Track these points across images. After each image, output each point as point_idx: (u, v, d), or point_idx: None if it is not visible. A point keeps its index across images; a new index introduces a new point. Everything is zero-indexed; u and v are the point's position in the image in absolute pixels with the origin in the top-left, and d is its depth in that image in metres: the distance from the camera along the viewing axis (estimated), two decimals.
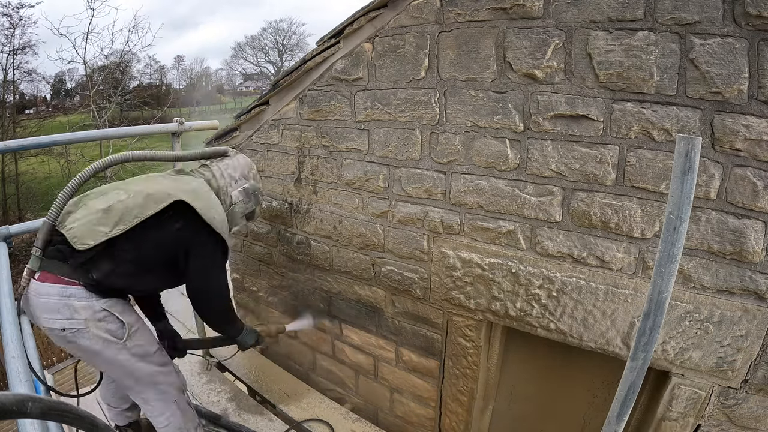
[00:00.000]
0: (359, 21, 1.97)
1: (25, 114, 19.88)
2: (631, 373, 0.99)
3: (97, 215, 1.39)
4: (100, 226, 1.37)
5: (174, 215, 1.47)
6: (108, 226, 1.37)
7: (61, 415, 0.61)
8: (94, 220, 1.39)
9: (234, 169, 1.81)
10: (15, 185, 15.84)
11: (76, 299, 1.39)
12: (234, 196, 1.77)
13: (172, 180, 1.62)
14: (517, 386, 2.18)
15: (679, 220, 0.88)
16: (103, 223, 1.38)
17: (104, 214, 1.39)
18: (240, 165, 1.84)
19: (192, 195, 1.53)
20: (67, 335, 1.41)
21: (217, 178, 1.74)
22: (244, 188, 1.80)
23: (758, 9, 1.18)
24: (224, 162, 1.82)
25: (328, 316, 2.62)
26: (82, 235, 1.37)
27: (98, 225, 1.38)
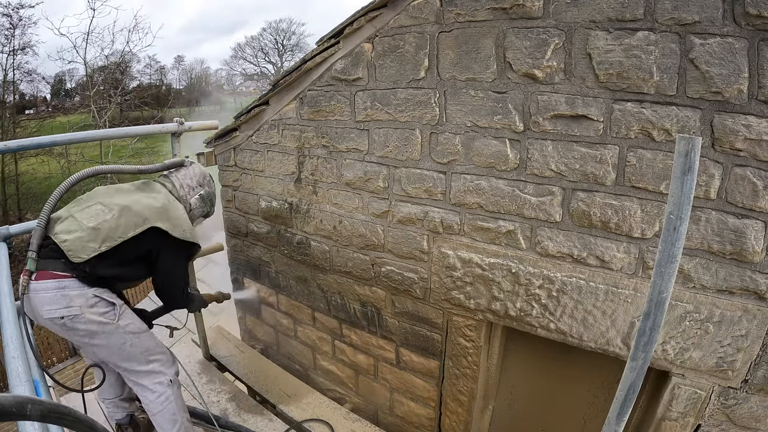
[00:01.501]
0: (359, 21, 1.97)
1: (25, 114, 19.88)
2: (631, 373, 0.99)
3: (87, 233, 1.64)
4: (91, 242, 1.64)
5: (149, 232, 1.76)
6: (97, 243, 1.64)
7: (61, 418, 0.61)
8: (85, 237, 1.63)
9: (191, 178, 2.09)
10: (15, 185, 15.85)
11: (71, 289, 1.62)
12: (193, 202, 2.07)
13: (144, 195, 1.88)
14: (517, 386, 2.18)
15: (679, 220, 0.88)
16: (93, 239, 1.64)
17: (93, 232, 1.65)
18: (195, 174, 2.11)
19: (163, 215, 1.81)
20: (66, 322, 1.63)
21: (177, 189, 2.03)
22: (200, 195, 2.10)
23: (758, 9, 1.18)
24: (182, 172, 2.09)
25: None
26: (76, 249, 1.62)
27: (89, 242, 1.63)
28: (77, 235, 1.63)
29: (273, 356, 3.26)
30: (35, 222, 2.11)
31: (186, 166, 2.13)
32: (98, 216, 1.69)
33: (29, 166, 16.46)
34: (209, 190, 2.15)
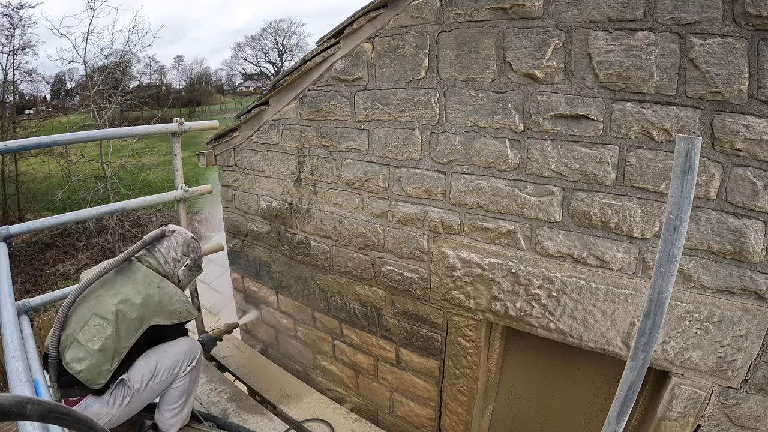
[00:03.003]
0: (359, 21, 1.97)
1: (25, 114, 19.89)
2: (631, 373, 0.99)
3: (97, 357, 1.69)
4: (104, 365, 1.70)
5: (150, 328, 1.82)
6: (109, 363, 1.71)
7: (60, 418, 0.61)
8: (96, 363, 1.69)
9: (174, 250, 2.02)
10: (15, 185, 15.86)
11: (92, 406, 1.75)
12: (180, 275, 2.03)
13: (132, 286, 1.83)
14: (517, 386, 2.18)
15: (679, 220, 0.88)
16: (104, 361, 1.70)
17: (101, 353, 1.69)
18: (179, 244, 2.03)
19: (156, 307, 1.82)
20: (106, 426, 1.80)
21: (162, 265, 1.98)
22: (187, 265, 2.05)
23: (758, 9, 1.18)
24: (164, 245, 2.00)
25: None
26: (93, 378, 1.69)
27: (101, 365, 1.70)
28: (88, 362, 1.68)
29: (273, 356, 3.26)
30: (36, 222, 2.12)
31: (167, 237, 2.02)
32: (99, 334, 1.72)
33: (29, 166, 16.46)
34: (195, 256, 2.09)
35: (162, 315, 1.83)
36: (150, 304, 1.81)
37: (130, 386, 1.83)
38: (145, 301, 1.80)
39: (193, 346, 2.05)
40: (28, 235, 13.67)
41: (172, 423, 2.00)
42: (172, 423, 2.00)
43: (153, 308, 1.81)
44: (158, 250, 1.99)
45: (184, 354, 1.99)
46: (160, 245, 2.00)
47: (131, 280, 1.85)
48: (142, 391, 1.86)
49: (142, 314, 1.78)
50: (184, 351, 1.99)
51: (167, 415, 1.98)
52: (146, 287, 1.83)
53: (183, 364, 1.97)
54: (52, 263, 13.89)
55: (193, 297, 2.74)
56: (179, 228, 2.10)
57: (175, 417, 1.99)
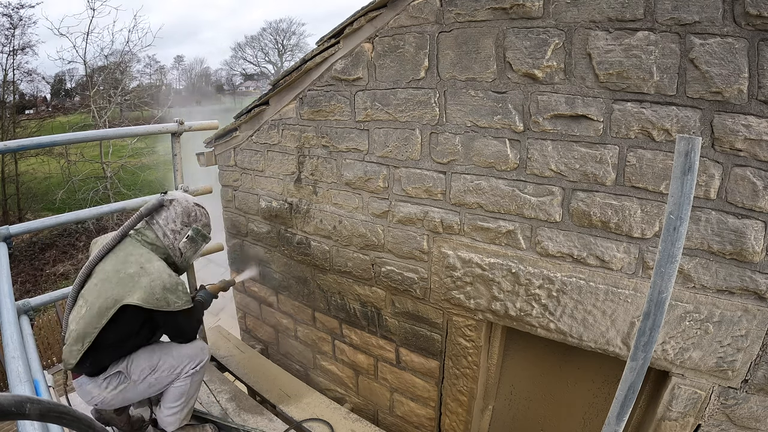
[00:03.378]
0: (359, 21, 1.97)
1: (25, 114, 19.88)
2: (631, 373, 0.99)
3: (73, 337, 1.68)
4: (75, 345, 1.67)
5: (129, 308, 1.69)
6: (79, 344, 1.67)
7: (60, 417, 0.61)
8: (72, 343, 1.68)
9: (173, 221, 1.87)
10: (15, 185, 15.85)
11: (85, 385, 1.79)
12: (182, 247, 1.90)
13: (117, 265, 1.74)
14: (517, 386, 2.18)
15: (679, 220, 0.88)
16: (76, 341, 1.67)
17: (75, 334, 1.67)
18: (178, 215, 1.88)
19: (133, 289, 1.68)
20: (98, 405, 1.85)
21: (161, 238, 1.86)
22: (188, 236, 1.90)
23: (758, 9, 1.18)
24: (163, 216, 1.87)
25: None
26: (67, 358, 1.69)
27: (74, 345, 1.67)
28: (68, 343, 1.68)
29: (273, 356, 3.26)
30: (36, 222, 2.12)
31: (166, 207, 1.87)
32: (77, 315, 1.69)
33: (29, 166, 16.46)
34: (197, 225, 1.93)
35: (136, 295, 1.67)
36: (126, 284, 1.68)
37: (127, 376, 1.81)
38: (121, 281, 1.68)
39: (200, 352, 2.00)
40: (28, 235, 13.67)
41: (170, 421, 2.00)
42: (171, 421, 2.00)
43: (127, 288, 1.68)
44: (156, 222, 1.85)
45: (189, 357, 1.94)
46: (159, 216, 1.86)
47: (117, 257, 1.76)
48: (138, 383, 1.83)
49: (115, 293, 1.66)
50: (189, 354, 1.95)
51: (166, 412, 1.98)
52: (126, 266, 1.72)
53: (186, 366, 1.93)
54: (52, 263, 13.90)
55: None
56: (179, 195, 1.93)
57: (174, 416, 1.99)
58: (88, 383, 1.78)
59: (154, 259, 1.79)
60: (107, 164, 15.66)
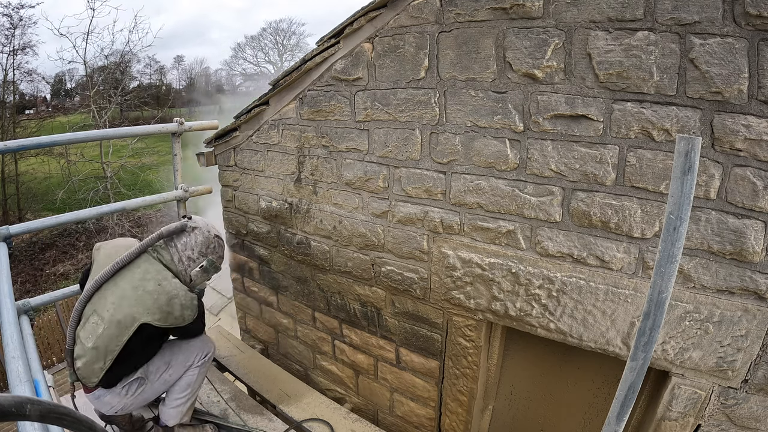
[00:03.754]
0: (359, 21, 1.97)
1: (25, 114, 19.89)
2: (631, 373, 0.99)
3: (90, 355, 1.68)
4: (96, 363, 1.69)
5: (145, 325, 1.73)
6: (101, 362, 1.69)
7: (60, 418, 0.61)
8: (90, 361, 1.69)
9: (192, 249, 1.89)
10: (15, 185, 15.87)
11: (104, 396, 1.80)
12: (193, 275, 1.91)
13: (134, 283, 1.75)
14: (517, 386, 2.18)
15: (679, 220, 0.88)
16: (97, 359, 1.69)
17: (94, 351, 1.68)
18: (198, 244, 1.90)
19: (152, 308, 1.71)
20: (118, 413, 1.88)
21: (176, 263, 1.86)
22: (202, 266, 1.91)
23: (758, 9, 1.18)
24: (182, 241, 1.87)
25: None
26: (87, 376, 1.71)
27: (94, 363, 1.69)
28: (84, 360, 1.69)
29: (273, 356, 3.26)
30: (36, 222, 2.12)
31: (187, 233, 1.87)
32: (94, 331, 1.69)
33: (29, 166, 16.48)
34: (213, 257, 1.95)
35: (155, 315, 1.71)
36: (145, 302, 1.70)
37: (146, 378, 1.87)
38: (140, 298, 1.70)
39: (207, 344, 2.08)
40: (28, 235, 13.69)
41: (172, 414, 2.02)
42: (173, 414, 2.02)
43: (147, 306, 1.70)
44: (175, 245, 1.86)
45: (198, 349, 2.03)
46: (178, 240, 1.86)
47: (133, 274, 1.76)
48: (155, 382, 1.90)
49: (134, 312, 1.69)
50: (198, 346, 2.03)
51: (171, 404, 2.00)
52: (144, 283, 1.73)
53: (196, 357, 2.01)
54: (52, 263, 13.90)
55: None
56: (201, 222, 1.95)
57: (177, 408, 2.01)
58: (107, 394, 1.80)
59: (170, 276, 1.81)
60: (107, 164, 15.67)
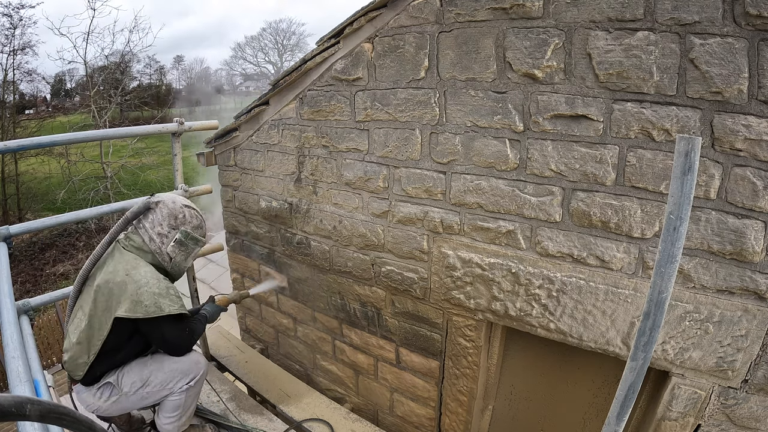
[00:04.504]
0: (359, 21, 1.97)
1: (25, 114, 19.89)
2: (631, 373, 0.99)
3: (75, 350, 1.70)
4: (80, 358, 1.71)
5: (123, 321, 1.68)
6: (85, 356, 1.70)
7: (60, 418, 0.61)
8: (75, 355, 1.70)
9: (160, 224, 1.79)
10: (15, 185, 15.86)
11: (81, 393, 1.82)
12: (170, 251, 1.82)
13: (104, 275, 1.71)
14: (517, 386, 2.18)
15: (679, 220, 0.88)
16: (81, 354, 1.70)
17: (78, 347, 1.70)
18: (165, 217, 1.80)
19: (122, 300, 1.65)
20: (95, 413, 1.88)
21: (148, 243, 1.78)
22: (176, 240, 1.82)
23: (758, 9, 1.18)
24: (149, 219, 1.79)
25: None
26: (73, 369, 1.73)
27: (78, 358, 1.71)
28: (70, 354, 1.71)
29: (273, 356, 3.26)
30: (36, 222, 2.12)
31: (152, 210, 1.79)
32: (78, 327, 1.70)
33: (29, 166, 16.47)
34: (186, 228, 1.83)
35: (124, 306, 1.62)
36: (115, 294, 1.64)
37: (118, 388, 1.80)
38: (111, 291, 1.65)
39: (194, 366, 1.92)
40: (28, 235, 13.68)
41: (168, 429, 1.98)
42: (169, 429, 1.98)
43: (118, 299, 1.64)
44: (143, 226, 1.78)
45: (181, 373, 1.87)
46: (145, 220, 1.78)
47: (107, 266, 1.72)
48: (130, 395, 1.81)
49: (109, 305, 1.65)
50: (181, 369, 1.87)
51: (164, 420, 1.96)
52: (114, 275, 1.67)
53: (179, 382, 1.87)
54: (52, 263, 13.90)
55: (193, 297, 2.73)
56: (166, 196, 1.84)
57: (172, 424, 1.97)
58: (84, 391, 1.81)
59: (141, 264, 1.73)
60: (107, 164, 15.66)
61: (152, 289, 1.66)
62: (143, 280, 1.67)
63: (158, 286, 1.69)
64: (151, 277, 1.69)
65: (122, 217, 1.79)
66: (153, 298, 1.65)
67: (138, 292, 1.64)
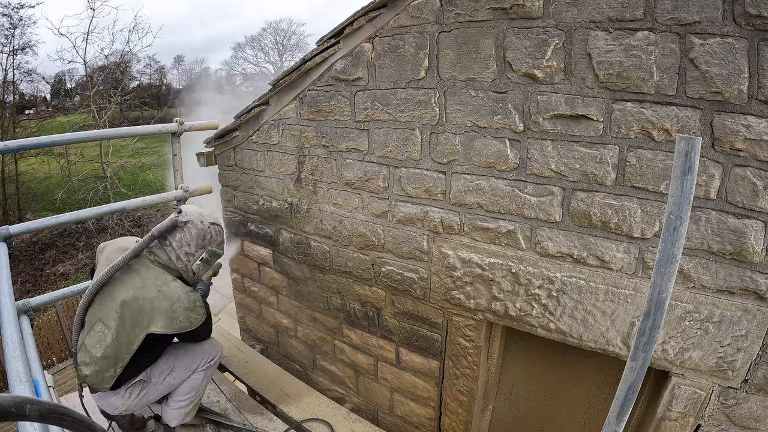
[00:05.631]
0: (359, 21, 1.97)
1: (25, 114, 19.89)
2: (631, 373, 0.99)
3: (100, 364, 1.69)
4: (107, 371, 1.70)
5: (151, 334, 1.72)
6: (111, 370, 1.71)
7: (60, 419, 0.61)
8: (100, 370, 1.70)
9: (188, 244, 1.82)
10: (15, 185, 15.86)
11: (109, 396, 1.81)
12: (195, 269, 1.87)
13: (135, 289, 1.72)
14: (517, 386, 2.18)
15: (679, 220, 0.88)
16: (107, 368, 1.70)
17: (105, 361, 1.69)
18: (193, 238, 1.82)
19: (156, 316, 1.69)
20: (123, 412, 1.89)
21: (174, 261, 1.82)
22: (202, 258, 1.87)
23: (758, 9, 1.18)
24: (177, 238, 1.81)
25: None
26: (98, 383, 1.72)
27: (105, 371, 1.70)
28: (93, 369, 1.70)
29: (273, 356, 3.26)
30: (36, 222, 2.12)
31: (180, 228, 1.79)
32: (101, 341, 1.69)
33: (29, 166, 16.47)
34: (212, 247, 1.88)
35: (159, 323, 1.69)
36: (147, 311, 1.68)
37: (148, 381, 1.86)
38: (142, 307, 1.68)
39: (213, 347, 2.06)
40: (28, 235, 13.69)
41: (174, 415, 2.01)
42: (176, 414, 2.01)
43: (150, 315, 1.69)
44: (170, 243, 1.79)
45: (204, 353, 2.01)
46: (172, 238, 1.80)
47: (133, 281, 1.73)
48: (159, 384, 1.90)
49: (140, 321, 1.68)
50: (203, 350, 2.01)
51: (174, 405, 2.00)
52: (144, 291, 1.70)
53: (202, 361, 2.00)
54: (52, 263, 13.90)
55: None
56: (194, 215, 1.86)
57: (180, 410, 2.01)
58: (111, 396, 1.81)
59: (170, 279, 1.77)
60: (107, 164, 15.67)
61: (184, 304, 1.73)
62: (175, 296, 1.72)
63: (188, 300, 1.75)
64: (182, 293, 1.75)
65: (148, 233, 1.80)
66: (185, 314, 1.73)
67: (172, 308, 1.70)
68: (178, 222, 1.81)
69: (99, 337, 1.69)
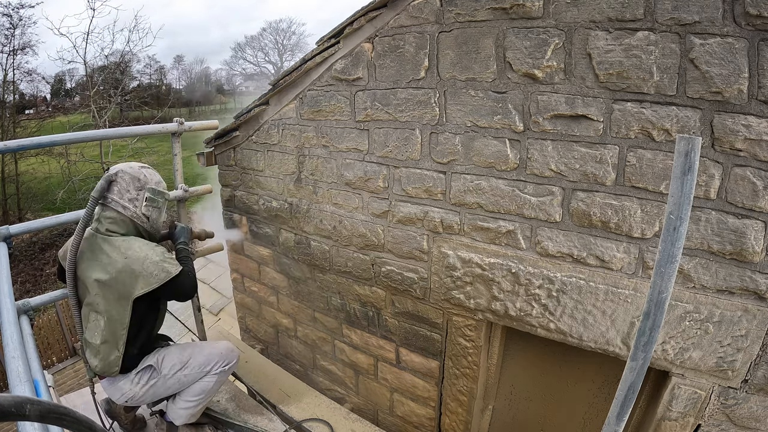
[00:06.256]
0: (359, 21, 1.97)
1: (25, 114, 19.89)
2: (631, 373, 0.99)
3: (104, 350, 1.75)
4: (111, 355, 1.76)
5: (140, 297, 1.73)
6: (115, 351, 1.76)
7: (60, 419, 0.61)
8: (105, 355, 1.76)
9: (128, 191, 1.81)
10: (15, 185, 15.85)
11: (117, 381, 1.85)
12: (145, 212, 1.85)
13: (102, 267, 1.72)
14: (517, 386, 2.18)
15: (679, 220, 0.88)
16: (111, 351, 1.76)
17: (106, 345, 1.75)
18: (127, 182, 1.81)
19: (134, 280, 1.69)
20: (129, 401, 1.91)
21: (123, 211, 1.80)
22: (147, 198, 1.85)
23: (758, 9, 1.18)
24: (115, 191, 1.79)
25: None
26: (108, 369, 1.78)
27: (110, 356, 1.76)
28: (99, 358, 1.75)
29: (273, 356, 3.26)
30: (36, 222, 2.12)
31: (115, 182, 1.80)
32: (97, 328, 1.74)
33: (29, 166, 16.46)
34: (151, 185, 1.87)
35: (139, 285, 1.69)
36: (123, 280, 1.69)
37: (158, 370, 1.88)
38: (117, 279, 1.68)
39: (230, 352, 2.07)
40: (28, 235, 13.67)
41: (180, 414, 2.01)
42: (182, 414, 2.01)
43: (128, 282, 1.69)
44: (111, 199, 1.79)
45: (219, 356, 2.01)
46: (111, 193, 1.79)
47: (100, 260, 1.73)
48: (168, 378, 1.90)
49: (121, 292, 1.69)
50: (219, 353, 2.02)
51: (182, 405, 2.00)
52: (113, 263, 1.69)
53: (216, 365, 2.00)
54: (52, 263, 13.88)
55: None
56: (121, 165, 1.87)
57: (187, 410, 2.01)
58: (120, 380, 1.84)
59: (132, 241, 1.76)
60: (107, 164, 15.66)
61: (152, 258, 1.72)
62: (142, 254, 1.72)
63: (155, 253, 1.75)
64: (147, 249, 1.74)
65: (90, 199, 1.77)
66: (158, 266, 1.72)
67: (143, 267, 1.70)
68: (110, 176, 1.81)
69: (94, 326, 1.75)
